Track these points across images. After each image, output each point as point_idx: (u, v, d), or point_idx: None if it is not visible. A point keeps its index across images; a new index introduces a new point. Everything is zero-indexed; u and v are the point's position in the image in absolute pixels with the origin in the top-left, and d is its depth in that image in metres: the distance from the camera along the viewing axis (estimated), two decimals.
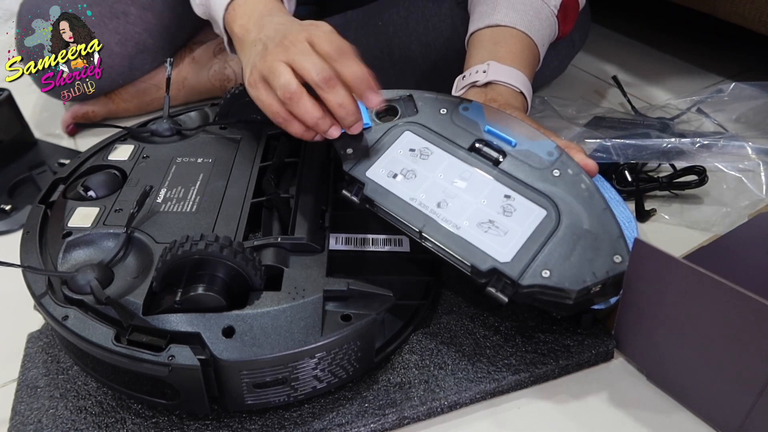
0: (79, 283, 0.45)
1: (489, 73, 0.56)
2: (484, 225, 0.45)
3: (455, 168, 0.48)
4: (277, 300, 0.45)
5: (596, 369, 0.51)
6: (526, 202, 0.46)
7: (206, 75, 0.87)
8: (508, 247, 0.44)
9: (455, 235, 0.45)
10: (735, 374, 0.42)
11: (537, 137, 0.48)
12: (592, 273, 0.42)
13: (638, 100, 0.85)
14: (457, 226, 0.45)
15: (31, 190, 0.75)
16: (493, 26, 0.61)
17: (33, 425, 0.47)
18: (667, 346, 0.47)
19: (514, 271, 0.43)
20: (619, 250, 0.43)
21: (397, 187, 0.48)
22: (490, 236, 0.44)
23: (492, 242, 0.44)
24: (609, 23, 1.08)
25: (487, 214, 0.45)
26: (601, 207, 0.44)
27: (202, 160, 0.59)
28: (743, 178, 0.65)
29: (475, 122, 0.50)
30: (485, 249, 0.44)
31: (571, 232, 0.44)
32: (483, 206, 0.46)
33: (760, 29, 0.79)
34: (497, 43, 0.60)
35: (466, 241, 0.44)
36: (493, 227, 0.45)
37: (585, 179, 0.46)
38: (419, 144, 0.50)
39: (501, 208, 0.45)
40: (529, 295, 0.44)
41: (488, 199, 0.46)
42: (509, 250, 0.44)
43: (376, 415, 0.46)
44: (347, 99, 0.46)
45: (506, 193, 0.46)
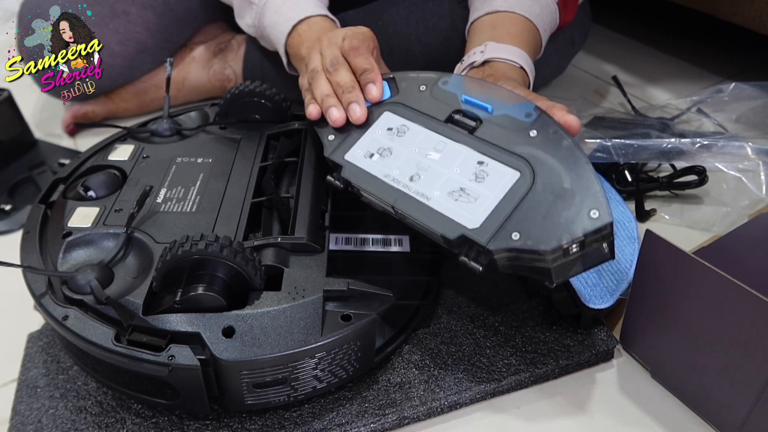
0: (79, 283, 0.45)
1: (486, 52, 0.55)
2: (455, 194, 0.44)
3: (430, 141, 0.48)
4: (277, 300, 0.45)
5: (596, 369, 0.51)
6: (499, 166, 0.44)
7: (206, 75, 0.87)
8: (478, 213, 0.42)
9: (426, 206, 0.44)
10: (737, 373, 0.42)
11: (515, 100, 0.47)
12: (567, 232, 0.39)
13: (638, 100, 0.85)
14: (428, 198, 0.45)
15: (31, 190, 0.75)
16: (492, 12, 0.60)
17: (33, 425, 0.47)
18: (671, 342, 0.47)
19: (482, 236, 0.41)
20: (596, 206, 0.39)
21: (373, 166, 0.48)
22: (461, 204, 0.43)
23: (462, 210, 0.43)
24: (609, 23, 1.08)
25: (459, 183, 0.44)
26: (582, 163, 0.42)
27: (202, 160, 0.59)
28: (743, 178, 0.65)
29: (453, 94, 0.49)
30: (455, 217, 0.43)
31: (546, 192, 0.42)
32: (455, 175, 0.45)
33: (760, 29, 0.79)
34: (496, 27, 0.59)
35: (436, 212, 0.44)
36: (464, 195, 0.44)
37: (565, 137, 0.44)
38: (396, 122, 0.50)
39: (473, 175, 0.44)
40: (506, 262, 0.42)
41: (461, 168, 0.45)
42: (479, 216, 0.42)
43: (376, 415, 0.46)
44: (346, 80, 0.51)
45: (479, 159, 0.45)
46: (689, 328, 0.45)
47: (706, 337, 0.43)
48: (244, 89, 0.63)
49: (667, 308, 0.46)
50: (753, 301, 0.39)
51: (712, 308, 0.42)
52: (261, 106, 0.64)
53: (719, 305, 0.41)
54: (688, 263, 0.42)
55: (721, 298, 0.41)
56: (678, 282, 0.44)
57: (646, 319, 0.48)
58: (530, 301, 0.55)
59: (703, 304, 0.43)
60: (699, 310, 0.43)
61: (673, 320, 0.46)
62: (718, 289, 0.41)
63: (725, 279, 0.40)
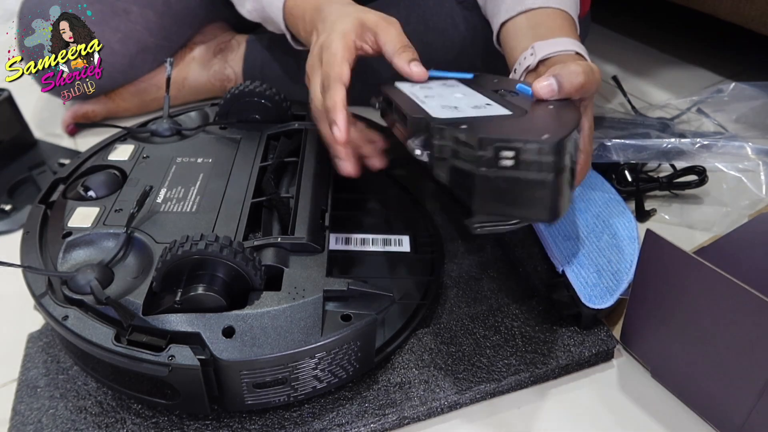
0: (79, 283, 0.45)
1: (537, 53, 0.54)
2: (448, 108, 0.44)
3: (465, 90, 0.50)
4: (277, 300, 0.45)
5: (596, 369, 0.51)
6: (499, 107, 0.44)
7: (206, 75, 0.87)
8: (449, 113, 0.42)
9: (414, 102, 0.46)
10: (737, 373, 0.42)
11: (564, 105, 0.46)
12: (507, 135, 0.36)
13: (638, 100, 0.85)
14: (423, 102, 0.46)
15: (31, 190, 0.75)
16: (525, 12, 0.59)
17: (33, 425, 0.47)
18: (672, 342, 0.47)
19: (438, 122, 0.40)
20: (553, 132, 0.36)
21: (409, 89, 0.50)
22: (443, 109, 0.43)
23: (438, 110, 0.43)
24: (609, 23, 1.08)
25: (456, 104, 0.45)
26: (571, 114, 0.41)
27: (202, 160, 0.59)
28: (743, 178, 0.65)
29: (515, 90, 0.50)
30: (430, 111, 0.43)
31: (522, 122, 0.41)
32: (460, 102, 0.46)
33: (760, 29, 0.79)
34: (536, 26, 0.58)
35: (420, 106, 0.44)
36: (452, 108, 0.44)
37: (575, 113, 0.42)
38: (454, 84, 0.52)
39: (475, 106, 0.45)
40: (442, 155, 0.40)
41: (468, 100, 0.46)
42: (447, 114, 0.42)
43: (376, 415, 0.46)
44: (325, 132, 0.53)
45: (488, 102, 0.45)
46: (689, 328, 0.45)
47: (706, 337, 0.44)
48: (244, 89, 0.63)
49: (667, 308, 0.46)
50: (753, 301, 0.39)
51: (712, 308, 0.42)
52: (261, 106, 0.64)
53: (719, 305, 0.41)
54: (688, 263, 0.42)
55: (721, 298, 0.41)
56: (678, 282, 0.44)
57: (646, 319, 0.48)
58: (530, 301, 0.55)
59: (703, 304, 0.43)
60: (699, 310, 0.43)
61: (673, 320, 0.46)
62: (718, 289, 0.41)
63: (725, 279, 0.40)
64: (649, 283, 0.46)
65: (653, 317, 0.48)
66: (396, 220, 0.60)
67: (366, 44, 0.54)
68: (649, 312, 0.48)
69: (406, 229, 0.58)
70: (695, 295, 0.43)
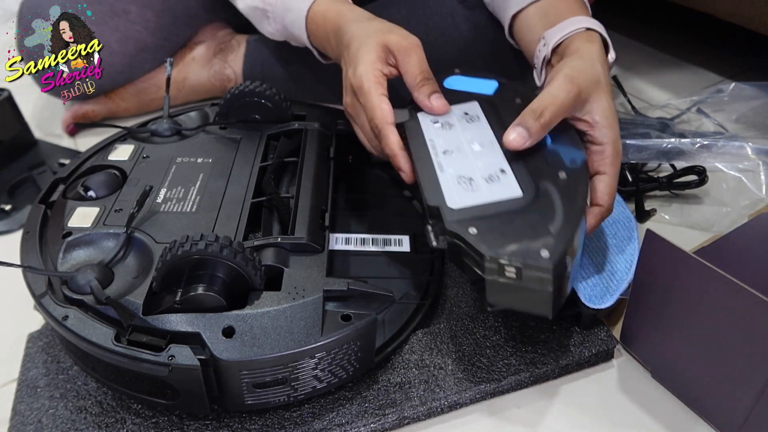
0: (79, 283, 0.45)
1: (548, 43, 0.54)
2: (463, 179, 0.46)
3: (484, 136, 0.50)
4: (277, 300, 0.45)
5: (596, 369, 0.51)
6: (512, 180, 0.46)
7: (206, 75, 0.87)
8: (464, 201, 0.45)
9: (433, 175, 0.47)
10: (737, 373, 0.42)
11: (573, 145, 0.48)
12: (511, 252, 0.40)
13: (638, 100, 0.85)
14: (442, 170, 0.47)
15: (31, 190, 0.75)
16: (534, 2, 0.59)
17: (33, 425, 0.47)
18: (671, 342, 0.47)
19: (450, 216, 0.43)
20: (552, 248, 0.40)
21: (430, 130, 0.51)
22: (459, 188, 0.46)
23: (455, 192, 0.45)
24: (609, 23, 1.07)
25: (473, 174, 0.47)
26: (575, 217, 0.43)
27: (202, 160, 0.59)
28: (743, 178, 0.65)
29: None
30: (445, 193, 0.45)
31: (527, 219, 0.43)
32: (476, 167, 0.47)
33: (760, 29, 0.79)
34: (546, 15, 0.58)
35: (437, 182, 0.46)
36: (468, 184, 0.46)
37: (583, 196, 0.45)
38: (475, 112, 0.53)
39: (489, 176, 0.46)
40: (455, 250, 0.43)
41: (485, 165, 0.47)
42: (462, 203, 0.44)
43: (376, 415, 0.46)
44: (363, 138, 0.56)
45: (504, 168, 0.47)
46: (689, 328, 0.45)
47: (706, 337, 0.44)
48: (244, 89, 0.63)
49: (667, 308, 0.46)
50: (753, 301, 0.39)
51: (712, 308, 0.42)
52: (261, 106, 0.64)
53: (719, 305, 0.41)
54: (688, 263, 0.42)
55: (721, 298, 0.41)
56: (678, 282, 0.44)
57: (646, 319, 0.48)
58: None
59: (704, 304, 0.43)
60: (699, 310, 0.43)
61: (673, 320, 0.46)
62: (718, 289, 0.41)
63: (725, 279, 0.40)
64: (649, 283, 0.46)
65: (653, 317, 0.47)
66: (396, 219, 0.60)
67: (391, 67, 0.53)
68: (649, 312, 0.48)
69: (406, 229, 0.58)
70: (695, 295, 0.43)
